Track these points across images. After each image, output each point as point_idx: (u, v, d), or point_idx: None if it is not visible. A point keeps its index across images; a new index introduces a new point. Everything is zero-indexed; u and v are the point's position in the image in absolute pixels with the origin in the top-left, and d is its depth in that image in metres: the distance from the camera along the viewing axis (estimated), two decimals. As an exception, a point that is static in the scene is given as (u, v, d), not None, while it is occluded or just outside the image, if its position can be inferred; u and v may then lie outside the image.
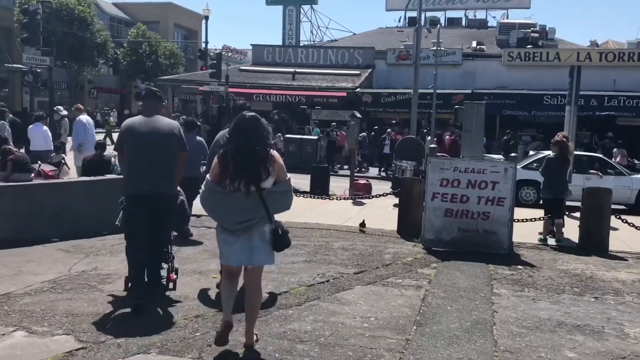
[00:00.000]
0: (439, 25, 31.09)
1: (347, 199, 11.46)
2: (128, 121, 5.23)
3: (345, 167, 20.56)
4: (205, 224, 8.55)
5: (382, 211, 10.91)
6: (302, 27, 39.14)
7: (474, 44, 32.18)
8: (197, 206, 5.49)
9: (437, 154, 12.61)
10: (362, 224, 9.04)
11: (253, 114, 4.04)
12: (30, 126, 12.48)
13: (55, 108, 14.75)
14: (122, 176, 5.56)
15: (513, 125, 25.16)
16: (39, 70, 22.36)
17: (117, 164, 9.07)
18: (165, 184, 5.03)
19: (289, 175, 4.06)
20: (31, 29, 17.35)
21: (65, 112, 14.28)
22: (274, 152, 4.00)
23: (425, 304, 5.38)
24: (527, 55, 28.67)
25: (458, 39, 33.17)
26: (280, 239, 3.94)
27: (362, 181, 13.44)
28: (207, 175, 4.07)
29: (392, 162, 14.93)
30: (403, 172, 12.18)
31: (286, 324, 4.69)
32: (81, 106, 13.50)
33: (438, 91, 25.06)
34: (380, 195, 10.18)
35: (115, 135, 17.94)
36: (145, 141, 4.96)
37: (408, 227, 8.70)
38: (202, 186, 4.05)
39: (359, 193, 13.15)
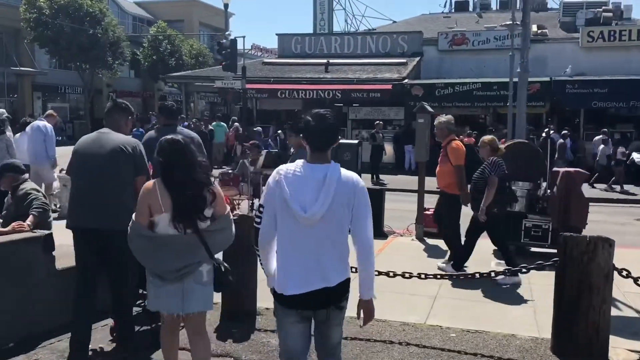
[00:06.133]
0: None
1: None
2: (81, 139, 4.31)
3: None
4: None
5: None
6: (335, 16, 34.61)
7: (534, 27, 27.22)
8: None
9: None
10: None
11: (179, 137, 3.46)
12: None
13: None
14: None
15: (602, 121, 20.04)
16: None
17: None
18: (108, 217, 3.94)
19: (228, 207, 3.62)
20: None
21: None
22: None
23: None
24: (612, 35, 23.41)
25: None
26: (222, 278, 3.48)
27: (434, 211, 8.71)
28: (133, 216, 3.46)
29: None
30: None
31: None
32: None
33: (503, 80, 20.29)
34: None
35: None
36: (86, 163, 4.07)
37: (581, 343, 4.00)
38: (129, 229, 3.46)
39: (433, 229, 8.47)
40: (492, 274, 5.13)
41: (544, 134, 17.47)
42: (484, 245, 7.84)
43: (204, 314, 3.58)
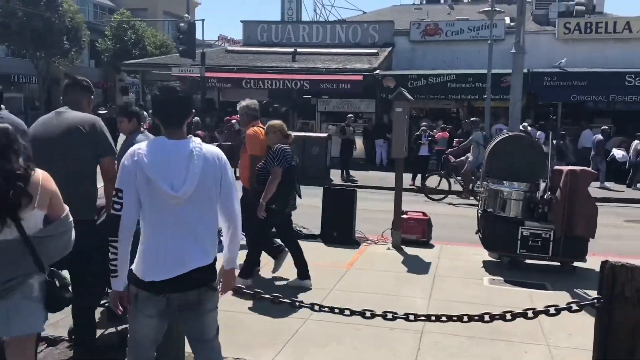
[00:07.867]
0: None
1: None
2: (36, 122, 3.94)
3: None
4: None
5: (480, 293, 5.10)
6: (304, 6, 33.40)
7: (507, 20, 26.58)
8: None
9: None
10: None
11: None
12: None
13: None
14: None
15: (580, 115, 19.31)
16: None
17: None
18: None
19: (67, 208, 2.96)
20: None
21: None
22: (38, 173, 2.79)
23: None
24: (588, 27, 22.71)
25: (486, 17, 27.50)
26: (57, 295, 2.90)
27: (413, 214, 7.57)
28: None
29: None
30: (503, 204, 6.32)
31: None
32: None
33: (479, 72, 19.33)
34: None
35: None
36: (40, 146, 3.55)
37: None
38: None
39: (412, 236, 7.35)
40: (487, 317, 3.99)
41: (521, 128, 16.58)
42: (475, 258, 6.76)
43: (32, 337, 2.98)
